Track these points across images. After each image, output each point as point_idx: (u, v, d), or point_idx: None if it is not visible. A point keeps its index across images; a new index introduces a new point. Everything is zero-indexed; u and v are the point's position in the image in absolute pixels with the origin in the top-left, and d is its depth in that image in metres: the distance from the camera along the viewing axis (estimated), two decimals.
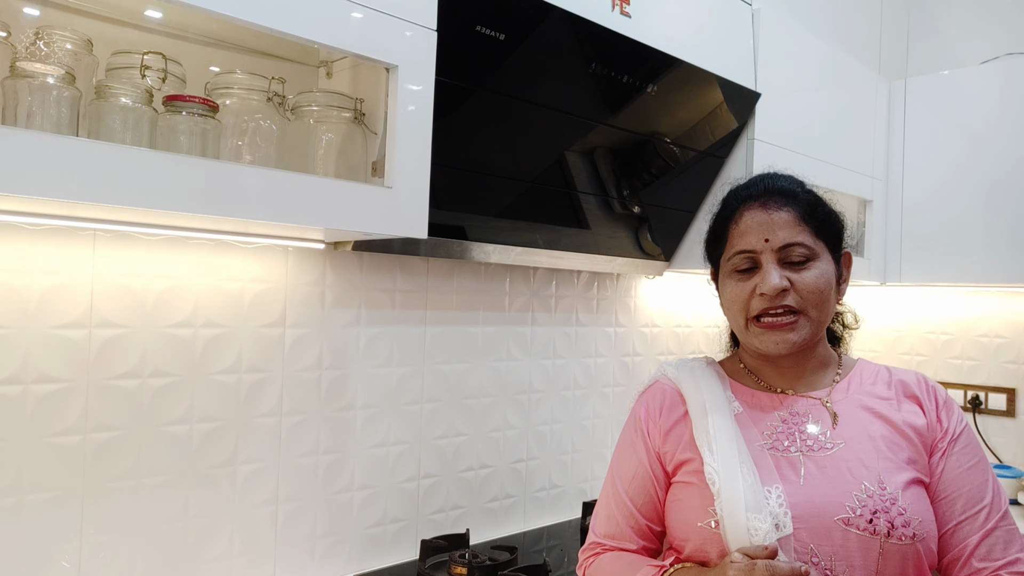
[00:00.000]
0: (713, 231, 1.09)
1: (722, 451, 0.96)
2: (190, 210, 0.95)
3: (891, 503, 0.91)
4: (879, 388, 1.03)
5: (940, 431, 0.99)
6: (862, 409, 1.00)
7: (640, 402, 1.10)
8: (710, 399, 1.02)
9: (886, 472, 0.93)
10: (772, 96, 1.87)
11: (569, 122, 1.52)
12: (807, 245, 0.99)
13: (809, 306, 0.99)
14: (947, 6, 2.63)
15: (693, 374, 1.07)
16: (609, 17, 1.46)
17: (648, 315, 2.14)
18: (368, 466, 1.52)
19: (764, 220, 1.00)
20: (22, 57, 0.96)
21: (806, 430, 0.99)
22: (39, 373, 1.13)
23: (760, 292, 0.98)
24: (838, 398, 1.02)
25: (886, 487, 0.92)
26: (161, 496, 1.25)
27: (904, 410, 1.00)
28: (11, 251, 1.11)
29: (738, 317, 1.02)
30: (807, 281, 0.98)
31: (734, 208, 1.05)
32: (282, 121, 1.18)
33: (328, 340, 1.46)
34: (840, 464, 0.95)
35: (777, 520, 0.90)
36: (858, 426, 0.98)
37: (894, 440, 0.97)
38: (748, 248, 1.01)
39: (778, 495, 0.92)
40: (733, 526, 0.91)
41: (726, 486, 0.93)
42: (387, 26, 1.14)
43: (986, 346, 2.45)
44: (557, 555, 1.64)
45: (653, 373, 1.13)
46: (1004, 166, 2.19)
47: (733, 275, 1.03)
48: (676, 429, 1.04)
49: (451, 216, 1.46)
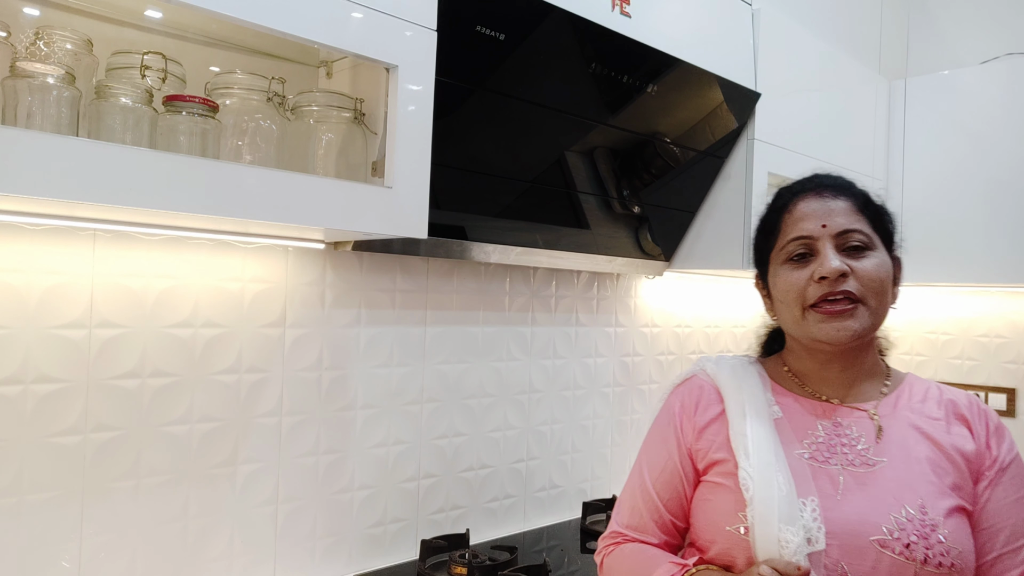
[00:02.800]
0: (764, 225, 1.05)
1: (759, 457, 0.92)
2: (190, 210, 0.95)
3: (931, 530, 0.87)
4: (929, 407, 0.98)
5: (989, 458, 0.94)
6: (910, 427, 0.96)
7: (675, 395, 1.06)
8: (750, 401, 0.98)
9: (929, 496, 0.89)
10: (772, 96, 1.87)
11: (569, 122, 1.52)
12: (865, 233, 0.96)
13: (869, 294, 0.94)
14: (947, 6, 2.63)
15: (734, 373, 1.03)
16: (609, 17, 1.46)
17: (648, 315, 2.14)
18: (368, 466, 1.52)
19: (820, 207, 0.97)
20: (22, 57, 0.96)
21: (848, 443, 0.95)
22: (39, 373, 1.13)
23: (819, 277, 0.93)
24: (885, 412, 0.97)
25: (928, 512, 0.88)
26: (161, 496, 1.25)
27: (953, 433, 0.95)
28: (11, 251, 1.11)
29: (794, 307, 0.97)
30: (867, 268, 0.94)
31: (787, 200, 1.01)
32: (282, 121, 1.18)
33: (328, 340, 1.46)
34: (881, 482, 0.91)
35: (810, 534, 0.87)
36: (904, 444, 0.94)
37: (940, 464, 0.92)
38: (804, 234, 0.96)
39: (813, 508, 0.89)
40: (764, 535, 0.88)
41: (760, 493, 0.89)
42: (387, 26, 1.14)
43: (986, 346, 2.45)
44: (557, 555, 1.64)
45: (691, 368, 1.08)
46: (1004, 166, 2.19)
47: (787, 264, 0.98)
48: (711, 427, 1.00)
49: (451, 216, 1.46)
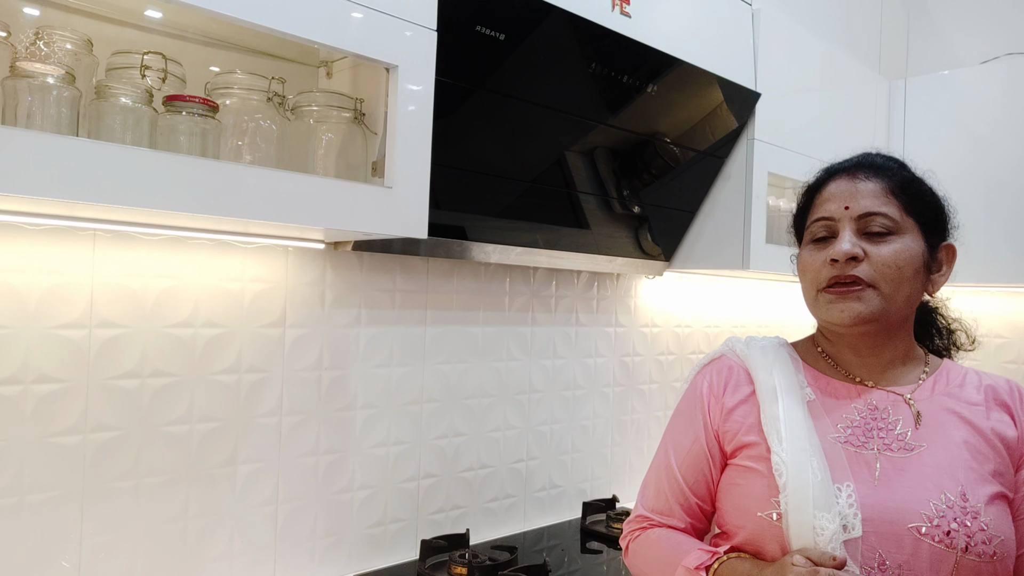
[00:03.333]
0: (800, 204, 1.05)
1: (792, 441, 0.90)
2: (190, 210, 0.95)
3: (972, 517, 0.84)
4: (968, 392, 0.96)
5: None
6: (948, 412, 0.93)
7: (702, 375, 1.04)
8: (781, 383, 0.96)
9: (969, 483, 0.87)
10: (772, 96, 1.87)
11: (569, 122, 1.52)
12: (891, 218, 0.94)
13: (881, 280, 0.92)
14: (947, 6, 2.63)
15: (764, 354, 1.01)
16: (609, 17, 1.46)
17: (648, 315, 2.14)
18: (368, 466, 1.52)
19: (848, 188, 0.96)
20: (22, 57, 0.96)
21: (885, 427, 0.92)
22: (39, 373, 1.13)
23: (830, 259, 0.93)
24: (922, 397, 0.95)
25: (968, 499, 0.85)
26: (161, 496, 1.26)
27: (993, 418, 0.93)
28: (11, 251, 1.11)
29: (809, 288, 0.97)
30: (883, 254, 0.92)
31: (823, 179, 1.01)
32: (282, 121, 1.18)
33: (328, 340, 1.46)
34: (920, 468, 0.88)
35: (846, 521, 0.84)
36: (943, 429, 0.91)
37: (980, 449, 0.90)
38: (827, 215, 0.96)
39: (849, 494, 0.86)
40: (798, 523, 0.85)
41: (794, 479, 0.87)
42: (387, 26, 1.14)
43: (986, 346, 2.45)
44: (557, 555, 1.64)
45: (719, 348, 1.06)
46: (1004, 166, 2.19)
47: (809, 245, 0.99)
48: (740, 409, 0.98)
49: (451, 216, 1.46)
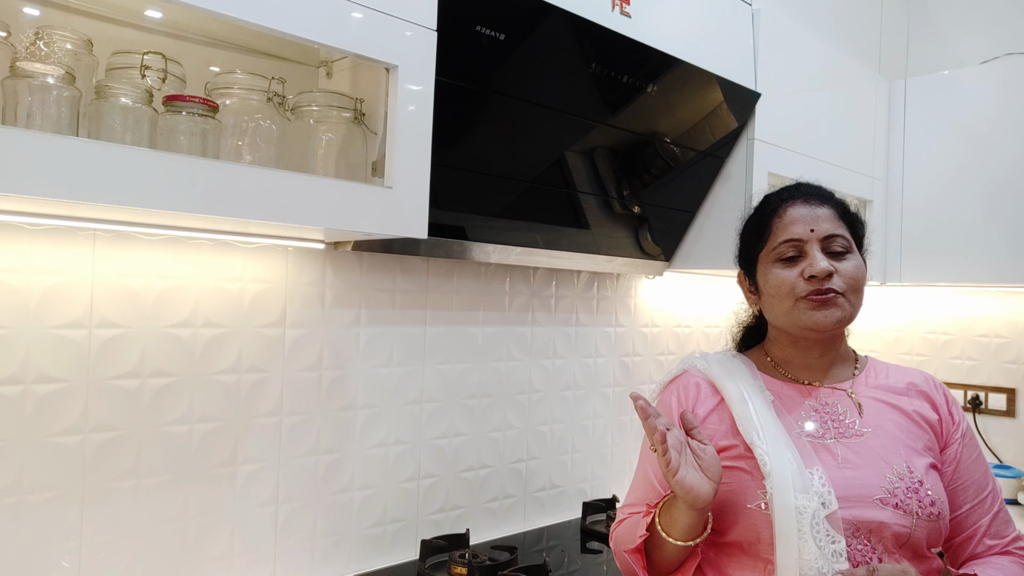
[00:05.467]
0: (754, 226, 1.15)
1: (768, 436, 1.02)
2: (190, 210, 0.95)
3: (919, 484, 1.00)
4: (892, 382, 1.12)
5: (952, 424, 1.09)
6: (880, 401, 1.09)
7: (669, 391, 1.16)
8: (746, 388, 1.09)
9: (910, 457, 1.03)
10: (772, 96, 1.87)
11: (569, 122, 1.52)
12: (846, 237, 1.09)
13: (849, 290, 1.06)
14: (947, 6, 2.63)
15: (724, 365, 1.13)
16: (609, 17, 1.46)
17: (648, 315, 2.14)
18: (368, 466, 1.52)
19: (808, 213, 1.09)
20: (22, 57, 0.96)
21: (837, 418, 1.07)
22: (39, 373, 1.13)
23: (809, 275, 1.05)
24: (860, 390, 1.10)
25: (913, 471, 1.01)
26: (161, 496, 1.25)
27: (916, 404, 1.09)
28: (11, 251, 1.11)
29: (785, 300, 1.08)
30: (848, 269, 1.07)
31: (777, 205, 1.12)
32: (282, 121, 1.18)
33: (328, 340, 1.46)
34: (871, 449, 1.03)
35: (823, 499, 0.97)
36: (881, 415, 1.07)
37: (911, 429, 1.06)
38: (795, 237, 1.08)
39: (820, 476, 0.99)
40: (782, 504, 0.97)
41: (776, 467, 0.99)
42: (387, 26, 1.14)
43: (986, 346, 2.45)
44: (557, 555, 1.64)
45: (679, 365, 1.18)
46: (1004, 166, 2.19)
47: (778, 263, 1.10)
48: (711, 417, 1.09)
49: (451, 216, 1.46)
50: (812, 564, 0.94)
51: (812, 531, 0.95)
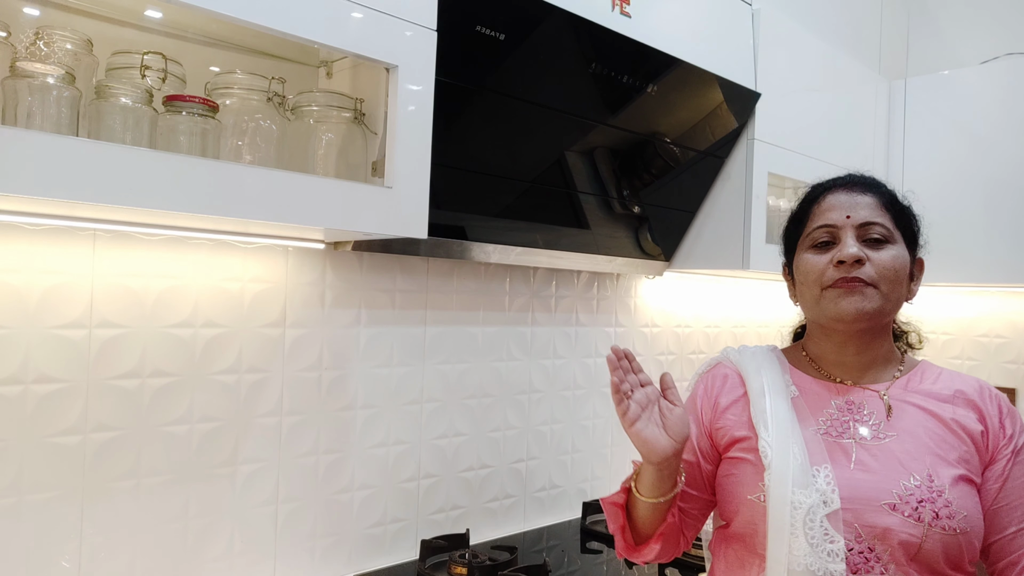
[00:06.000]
0: (795, 215, 1.12)
1: (777, 429, 1.01)
2: (190, 210, 0.95)
3: (938, 495, 0.94)
4: (937, 389, 1.05)
5: (1004, 438, 1.00)
6: (916, 406, 1.03)
7: (701, 381, 1.16)
8: (768, 382, 1.07)
9: (935, 466, 0.96)
10: (772, 96, 1.87)
11: (569, 122, 1.52)
12: (886, 227, 1.03)
13: (881, 280, 1.00)
14: (947, 6, 2.63)
15: (755, 358, 1.12)
16: (609, 17, 1.46)
17: (648, 315, 2.14)
18: (368, 466, 1.52)
19: (847, 200, 1.05)
20: (22, 57, 0.96)
21: (861, 419, 1.03)
22: (39, 373, 1.13)
23: (837, 260, 1.01)
24: (895, 393, 1.05)
25: (934, 480, 0.95)
26: (161, 496, 1.26)
27: (958, 413, 1.02)
28: (11, 251, 1.11)
29: (813, 287, 1.04)
30: (883, 258, 1.01)
31: (819, 192, 1.09)
32: (282, 121, 1.18)
33: (328, 340, 1.46)
34: (890, 454, 0.98)
35: (825, 497, 0.94)
36: (911, 421, 1.01)
37: (945, 438, 0.99)
38: (829, 223, 1.04)
39: (826, 474, 0.96)
40: (777, 497, 0.95)
41: (777, 461, 0.98)
42: (387, 26, 1.14)
43: (986, 346, 2.45)
44: (557, 555, 1.64)
45: (717, 355, 1.18)
46: (1004, 166, 2.19)
47: (810, 249, 1.06)
48: (734, 408, 1.08)
49: (451, 216, 1.46)
50: (801, 560, 0.92)
51: (805, 527, 0.93)
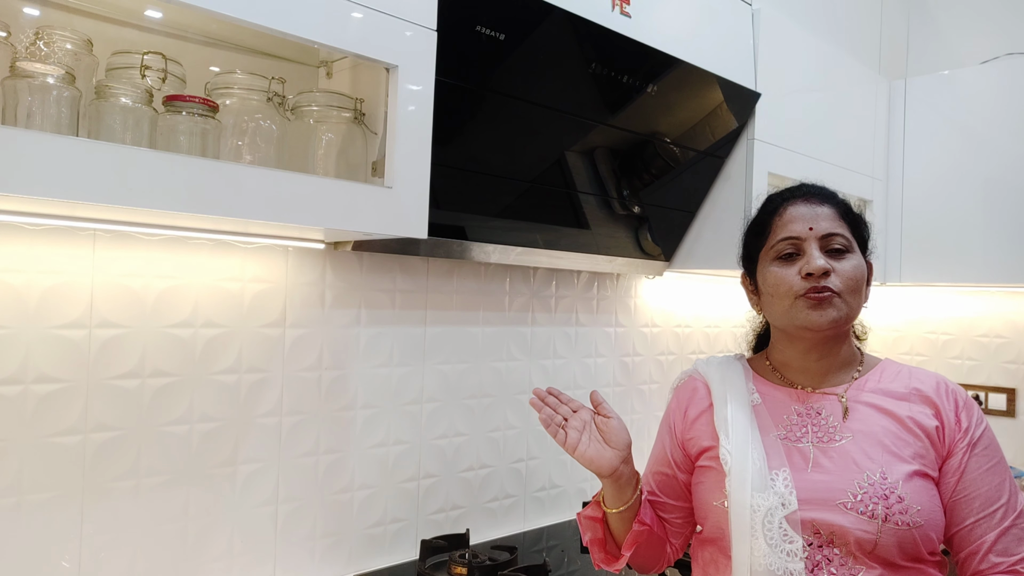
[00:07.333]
0: (755, 226, 1.15)
1: (737, 436, 1.06)
2: (190, 210, 0.95)
3: (890, 491, 0.98)
4: (895, 387, 1.08)
5: (959, 432, 1.04)
6: (872, 406, 1.07)
7: (673, 395, 1.22)
8: (731, 390, 1.12)
9: (888, 464, 1.01)
10: (772, 96, 1.87)
11: (569, 122, 1.52)
12: (846, 236, 1.08)
13: (846, 291, 1.05)
14: (947, 6, 2.63)
15: (720, 368, 1.17)
16: (609, 17, 1.46)
17: (648, 315, 2.14)
18: (368, 466, 1.52)
19: (808, 212, 1.09)
20: (22, 57, 0.96)
21: (818, 422, 1.07)
22: (39, 373, 1.13)
23: (806, 272, 1.05)
24: (853, 394, 1.09)
25: (887, 477, 0.99)
26: (161, 496, 1.25)
27: (914, 410, 1.05)
28: (11, 251, 1.11)
29: (783, 298, 1.08)
30: (846, 268, 1.06)
31: (778, 204, 1.13)
32: (282, 121, 1.18)
33: (328, 340, 1.46)
34: (846, 455, 1.02)
35: (783, 499, 0.99)
36: (867, 421, 1.05)
37: (900, 436, 1.03)
38: (793, 235, 1.08)
39: (784, 478, 1.01)
40: (738, 502, 1.01)
41: (736, 466, 1.03)
42: (387, 26, 1.14)
43: (986, 346, 2.45)
44: (557, 555, 1.64)
45: (689, 368, 1.23)
46: (1003, 166, 2.19)
47: (776, 262, 1.10)
48: (702, 418, 1.13)
49: (451, 216, 1.46)
50: (761, 561, 0.97)
51: (764, 529, 0.98)
